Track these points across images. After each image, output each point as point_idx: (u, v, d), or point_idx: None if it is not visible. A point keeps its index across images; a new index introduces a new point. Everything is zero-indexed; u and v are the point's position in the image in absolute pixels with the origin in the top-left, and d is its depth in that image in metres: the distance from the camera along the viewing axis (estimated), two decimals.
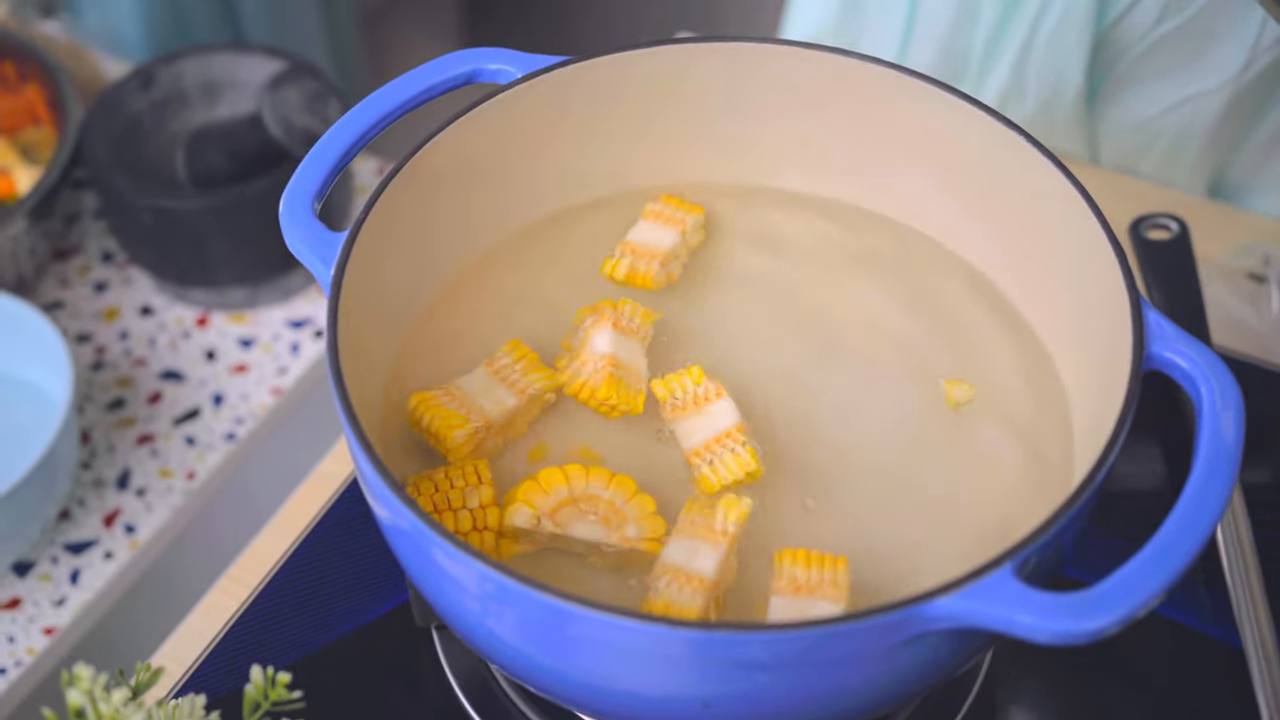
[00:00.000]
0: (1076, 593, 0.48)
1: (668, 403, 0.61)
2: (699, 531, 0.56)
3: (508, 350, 0.63)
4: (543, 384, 0.62)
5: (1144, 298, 0.55)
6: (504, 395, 0.61)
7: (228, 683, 0.66)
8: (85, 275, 1.03)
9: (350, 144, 0.61)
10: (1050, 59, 0.86)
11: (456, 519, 0.58)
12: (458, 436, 0.60)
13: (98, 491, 0.91)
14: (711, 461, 0.59)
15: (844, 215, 0.70)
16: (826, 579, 0.55)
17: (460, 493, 0.58)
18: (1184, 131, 0.88)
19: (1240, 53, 0.83)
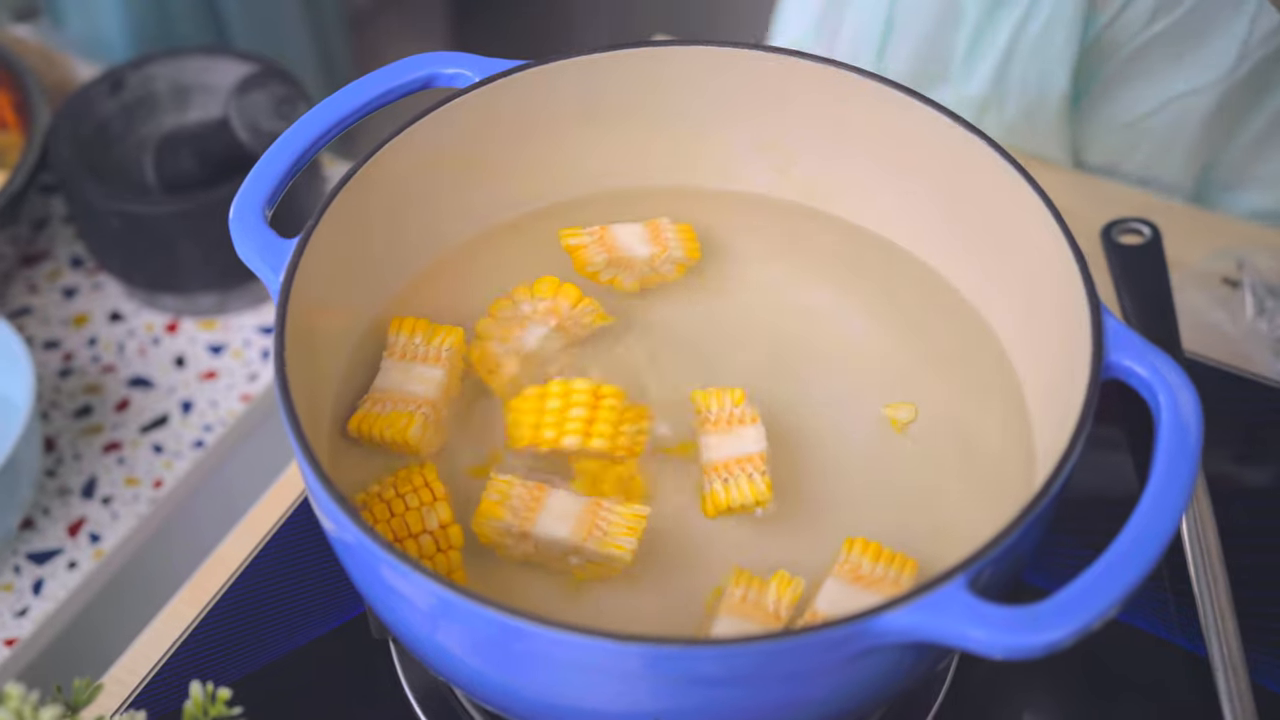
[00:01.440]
0: (1029, 606, 0.47)
1: (703, 414, 0.60)
2: (749, 611, 0.55)
3: (395, 330, 0.63)
4: (451, 343, 0.62)
5: (1104, 305, 0.55)
6: (424, 371, 0.61)
7: (183, 695, 0.65)
8: (54, 281, 1.02)
9: (303, 150, 0.60)
10: (1035, 62, 0.86)
11: (419, 545, 0.57)
12: (414, 434, 0.60)
13: (63, 500, 0.90)
14: (726, 480, 0.59)
15: (807, 220, 0.69)
16: (890, 577, 0.55)
17: (418, 515, 0.57)
18: (1172, 131, 0.87)
19: (1231, 51, 0.82)
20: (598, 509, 0.57)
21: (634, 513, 0.57)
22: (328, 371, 0.62)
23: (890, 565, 0.56)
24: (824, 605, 0.55)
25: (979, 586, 0.49)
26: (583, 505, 0.56)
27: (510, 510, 0.56)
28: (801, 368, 0.64)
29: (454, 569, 0.57)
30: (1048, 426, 0.59)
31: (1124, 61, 0.85)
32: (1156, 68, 0.84)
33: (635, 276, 0.67)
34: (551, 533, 0.56)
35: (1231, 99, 0.85)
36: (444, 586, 0.48)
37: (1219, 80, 0.83)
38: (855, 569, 0.56)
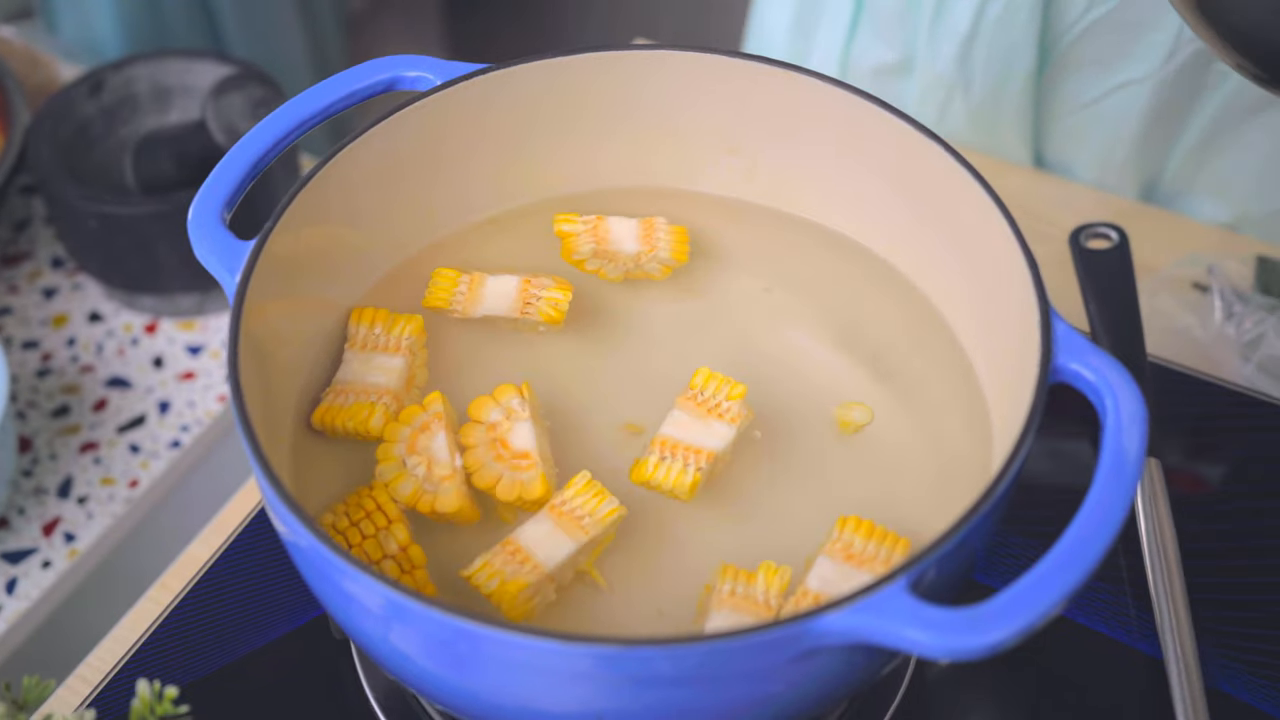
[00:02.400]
0: (970, 608, 0.47)
1: (693, 390, 0.61)
2: (740, 604, 0.55)
3: (355, 321, 0.63)
4: (411, 331, 0.62)
5: (1054, 309, 0.55)
6: (385, 360, 0.62)
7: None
8: (34, 281, 1.03)
9: (263, 152, 0.60)
10: (999, 42, 0.86)
11: (383, 571, 0.56)
12: (375, 424, 0.60)
13: (38, 500, 0.91)
14: (663, 457, 0.59)
15: (773, 222, 0.69)
16: (881, 555, 0.55)
17: (375, 542, 0.57)
18: (1115, 124, 0.87)
19: (1164, 42, 0.82)
20: (560, 509, 0.57)
21: (583, 485, 0.57)
22: (293, 365, 0.62)
23: (882, 543, 0.56)
24: (815, 584, 0.55)
25: (922, 588, 0.49)
26: (549, 517, 0.56)
27: (516, 575, 0.55)
28: (765, 368, 0.65)
29: (422, 587, 0.57)
30: (1003, 429, 0.59)
31: (1068, 49, 0.85)
32: (1097, 57, 0.85)
33: (620, 270, 0.67)
34: (561, 555, 0.56)
35: (1169, 94, 0.85)
36: (394, 590, 0.49)
37: (1154, 72, 0.83)
38: (847, 547, 0.56)
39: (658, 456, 0.59)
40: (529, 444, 0.58)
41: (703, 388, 0.61)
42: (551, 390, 0.63)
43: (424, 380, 0.64)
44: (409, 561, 0.57)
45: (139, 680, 0.48)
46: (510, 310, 0.64)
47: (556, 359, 0.65)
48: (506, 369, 0.64)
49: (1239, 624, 0.67)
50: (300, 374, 0.63)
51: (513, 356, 0.64)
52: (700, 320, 0.67)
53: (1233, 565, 0.69)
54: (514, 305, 0.65)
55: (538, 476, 0.58)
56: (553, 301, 0.64)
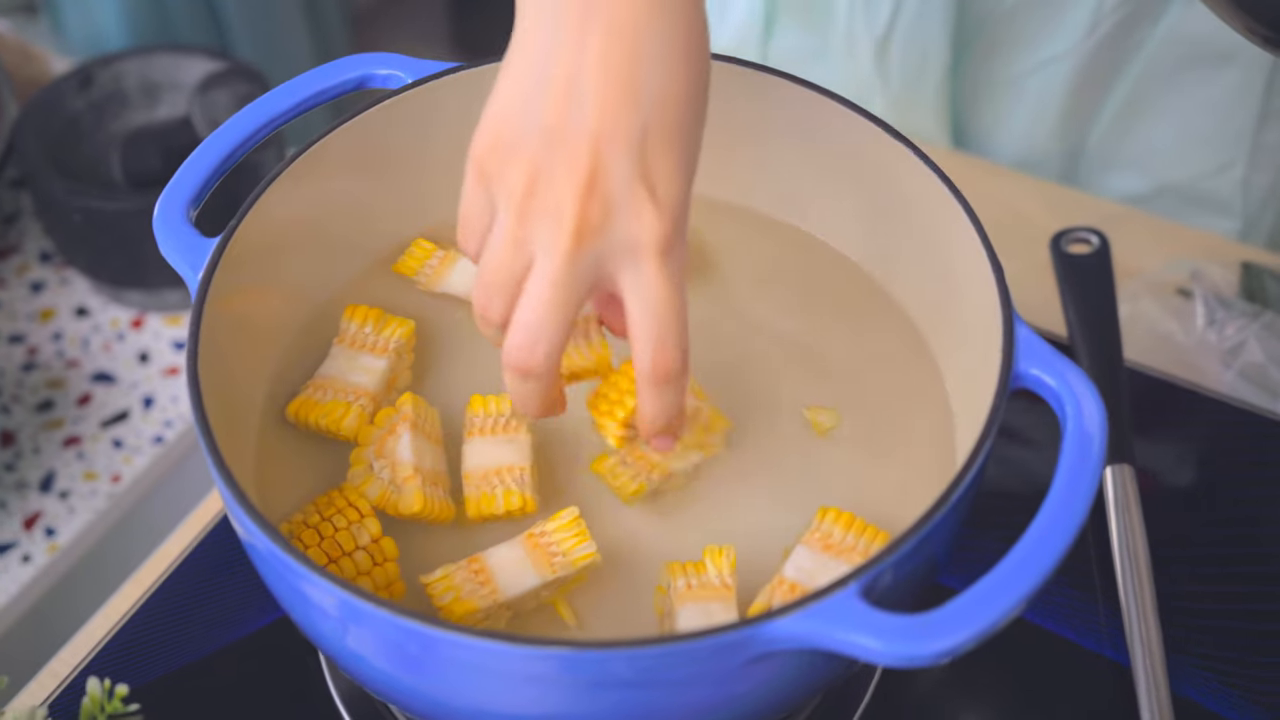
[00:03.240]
0: (921, 615, 0.47)
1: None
2: (700, 594, 0.55)
3: (348, 317, 0.63)
4: (400, 332, 0.63)
5: (1018, 314, 0.55)
6: (369, 361, 0.62)
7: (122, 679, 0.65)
8: (23, 275, 1.03)
9: (231, 150, 0.60)
10: (915, 39, 0.86)
11: (355, 562, 0.56)
12: (349, 425, 0.60)
13: (20, 494, 0.91)
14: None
15: (742, 221, 0.69)
16: (860, 547, 0.56)
17: (348, 534, 0.57)
18: (1039, 101, 0.88)
19: (1084, 18, 0.83)
20: (537, 539, 0.56)
21: (568, 520, 0.56)
22: (261, 357, 0.62)
23: (861, 535, 0.56)
24: (791, 573, 0.55)
25: (877, 594, 0.49)
26: (523, 545, 0.56)
27: (471, 595, 0.55)
28: (733, 369, 0.64)
29: (392, 581, 0.57)
30: (970, 434, 0.59)
31: (997, 25, 0.86)
32: (1025, 32, 0.85)
33: None
34: (522, 586, 0.55)
35: (1091, 68, 0.85)
36: (347, 591, 0.48)
37: (1076, 46, 0.84)
38: (826, 537, 0.56)
39: (618, 460, 0.59)
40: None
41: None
42: None
43: (406, 383, 0.64)
44: (381, 553, 0.57)
45: (90, 678, 0.48)
46: (468, 292, 0.65)
47: None
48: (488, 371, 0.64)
49: (1209, 632, 0.66)
50: (268, 365, 0.63)
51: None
52: None
53: (1205, 573, 0.69)
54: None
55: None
56: None
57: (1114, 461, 0.69)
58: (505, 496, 0.58)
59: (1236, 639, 0.66)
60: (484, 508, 0.58)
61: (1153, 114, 0.86)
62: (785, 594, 0.55)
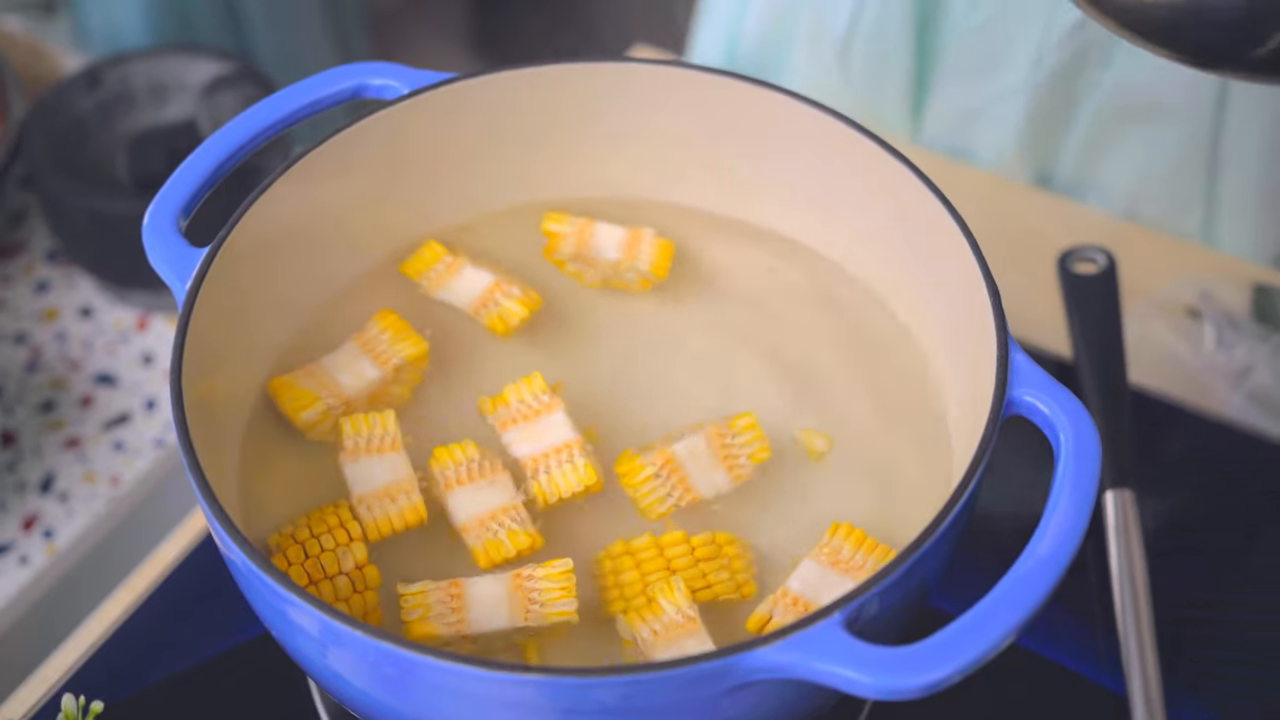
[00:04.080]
0: (905, 647, 0.46)
1: (729, 429, 0.59)
2: (668, 635, 0.54)
3: (376, 320, 0.63)
4: (409, 352, 0.62)
5: (1014, 340, 0.54)
6: (366, 367, 0.61)
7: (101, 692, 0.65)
8: (28, 274, 1.03)
9: (223, 159, 0.60)
10: (877, 37, 0.87)
11: (335, 587, 0.56)
12: (306, 417, 0.60)
13: (19, 495, 0.91)
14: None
15: (749, 238, 0.69)
16: (869, 565, 0.55)
17: (333, 556, 0.56)
18: (1001, 129, 0.89)
19: (1032, 49, 0.84)
20: (523, 581, 0.55)
21: (559, 571, 0.55)
22: (255, 360, 0.62)
23: (870, 554, 0.55)
24: (795, 585, 0.55)
25: (861, 624, 0.48)
26: (507, 583, 0.55)
27: (438, 619, 0.54)
28: (732, 387, 0.64)
29: (370, 610, 0.56)
30: (962, 461, 0.58)
31: (955, 51, 0.87)
32: (980, 64, 0.87)
33: (598, 276, 0.67)
34: (491, 625, 0.54)
35: (1046, 103, 0.86)
36: (328, 615, 0.48)
37: (1027, 79, 0.85)
38: (835, 553, 0.55)
39: (654, 471, 0.58)
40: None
41: (737, 431, 0.59)
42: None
43: (401, 401, 0.63)
44: (363, 581, 0.56)
45: (65, 695, 0.48)
46: (467, 306, 0.64)
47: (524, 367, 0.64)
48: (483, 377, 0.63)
49: (1209, 662, 0.65)
50: (260, 369, 0.63)
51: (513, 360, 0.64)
52: (668, 338, 0.66)
53: (1207, 600, 0.68)
54: (473, 302, 0.65)
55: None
56: (508, 312, 0.63)
57: (1114, 486, 0.68)
58: (512, 538, 0.56)
59: (1237, 670, 0.65)
60: (494, 555, 0.56)
61: (1112, 156, 0.88)
62: (788, 606, 0.54)
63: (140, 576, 0.74)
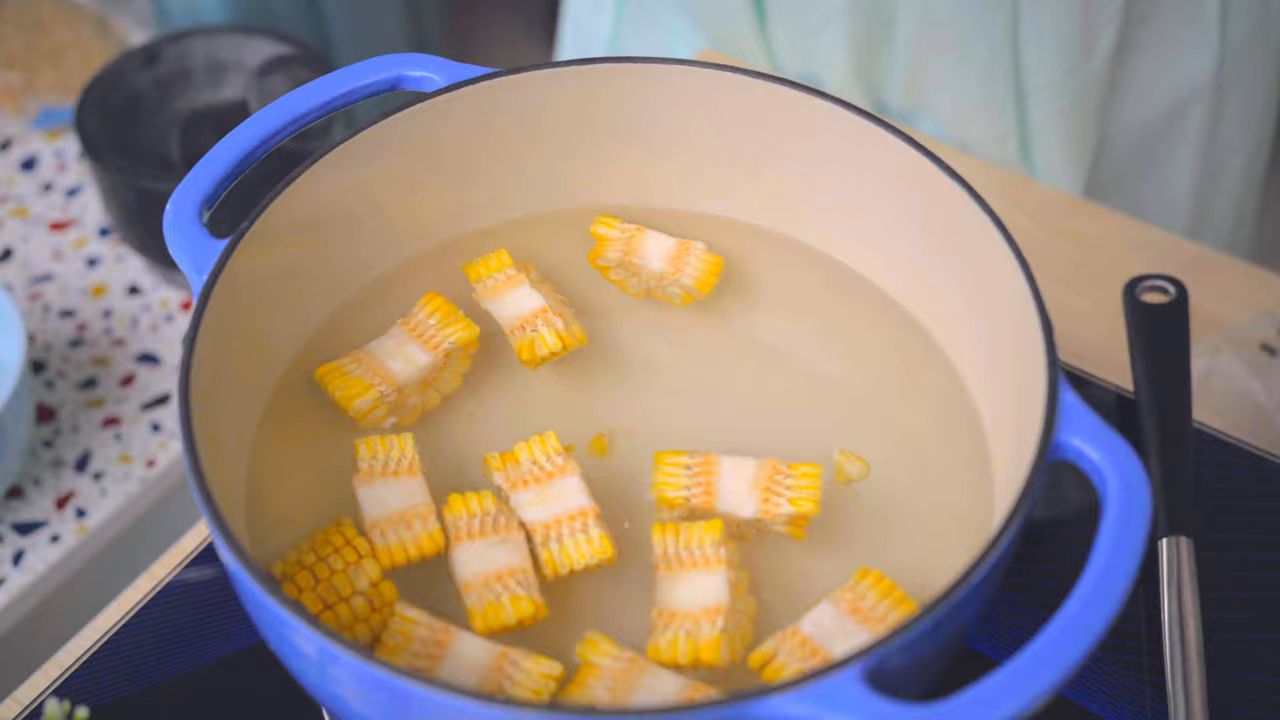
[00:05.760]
0: (926, 706, 0.43)
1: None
2: (686, 565, 0.52)
3: (423, 304, 0.61)
4: (459, 336, 0.60)
5: (1064, 379, 0.50)
6: (416, 353, 0.59)
7: (109, 686, 0.64)
8: (79, 249, 1.03)
9: (250, 149, 0.58)
10: None
11: (352, 609, 0.53)
12: (359, 405, 0.58)
13: (55, 471, 0.90)
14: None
15: (794, 255, 0.66)
16: (891, 619, 0.52)
17: (345, 576, 0.54)
18: (833, 48, 0.90)
19: None
20: (504, 663, 0.52)
21: (544, 672, 0.51)
22: (269, 360, 0.60)
23: (896, 608, 0.52)
24: (808, 627, 0.52)
25: (883, 676, 0.45)
26: (491, 657, 0.52)
27: (411, 654, 0.51)
28: (767, 412, 0.61)
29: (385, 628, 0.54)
30: (1007, 498, 0.55)
31: None
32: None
33: (641, 286, 0.64)
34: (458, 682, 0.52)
35: (863, 25, 0.89)
36: (329, 640, 0.46)
37: (846, 3, 0.87)
38: (858, 599, 0.53)
39: (688, 463, 0.56)
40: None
41: (796, 475, 0.55)
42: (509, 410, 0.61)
43: (453, 388, 0.61)
44: (380, 598, 0.54)
45: (49, 699, 0.46)
46: (507, 323, 0.62)
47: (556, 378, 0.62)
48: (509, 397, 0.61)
49: None
50: (277, 367, 0.61)
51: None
52: (707, 355, 0.63)
53: (1264, 662, 0.64)
54: (513, 321, 0.62)
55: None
56: (540, 341, 0.60)
57: (1170, 533, 0.64)
58: (514, 604, 0.52)
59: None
60: (492, 620, 0.52)
61: (932, 84, 0.90)
62: (795, 647, 0.51)
63: (160, 565, 0.72)
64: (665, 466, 0.56)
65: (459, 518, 0.55)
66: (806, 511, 0.55)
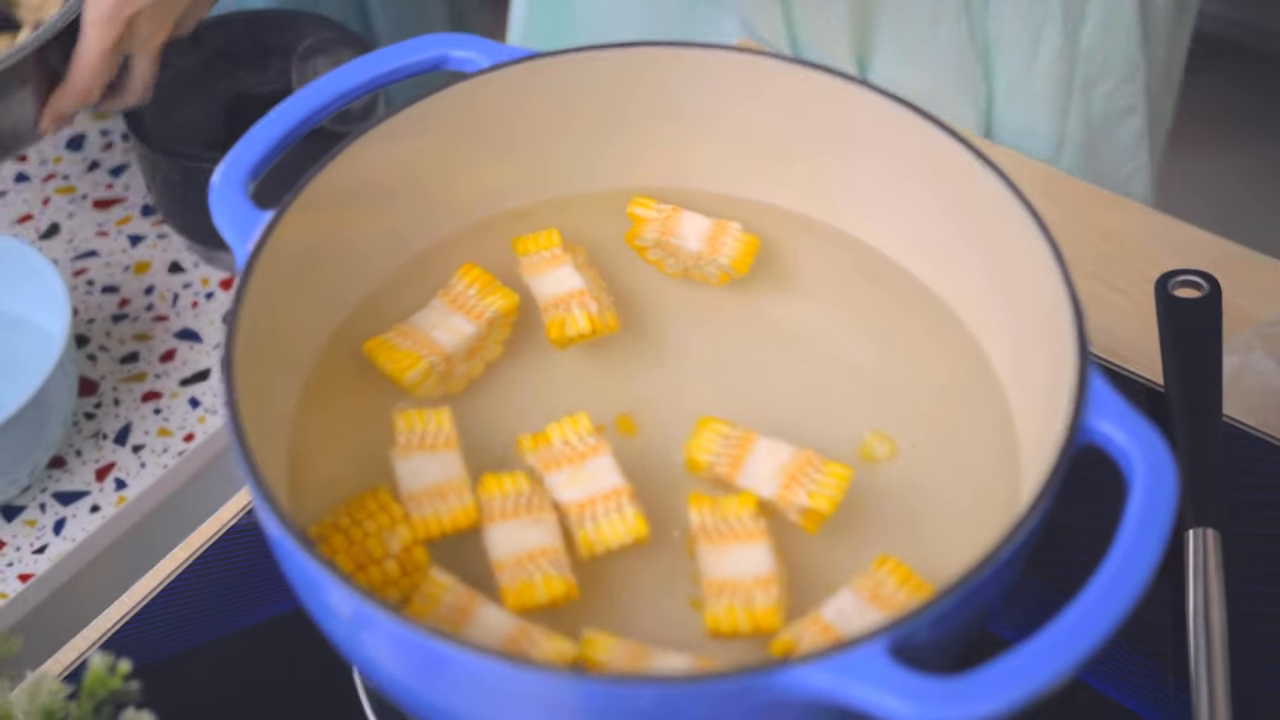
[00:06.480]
0: (951, 679, 0.44)
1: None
2: (728, 537, 0.53)
3: (461, 275, 0.63)
4: (500, 304, 0.61)
5: (1095, 364, 0.51)
6: (460, 323, 0.61)
7: (150, 648, 0.65)
8: (123, 227, 1.04)
9: (297, 123, 0.59)
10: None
11: (384, 571, 0.55)
12: (411, 376, 0.59)
13: (95, 443, 0.92)
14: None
15: (830, 240, 0.66)
16: (909, 603, 0.53)
17: (378, 539, 0.55)
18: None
19: None
20: (523, 635, 0.52)
21: (558, 651, 0.51)
22: (310, 332, 0.61)
23: (912, 593, 0.53)
24: (829, 614, 0.53)
25: (908, 650, 0.46)
26: (511, 630, 0.52)
27: (435, 618, 0.52)
28: (797, 393, 0.62)
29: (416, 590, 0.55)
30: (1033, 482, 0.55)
31: None
32: None
33: (678, 266, 0.65)
34: None
35: None
36: (365, 600, 0.47)
37: None
38: (877, 586, 0.53)
39: (726, 433, 0.57)
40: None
41: (824, 473, 0.56)
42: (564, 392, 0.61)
43: (495, 356, 0.62)
44: (411, 562, 0.55)
45: (94, 653, 0.48)
46: (543, 300, 0.63)
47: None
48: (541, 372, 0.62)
49: None
50: (315, 343, 0.62)
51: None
52: (739, 336, 0.64)
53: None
54: (550, 299, 0.63)
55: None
56: (571, 321, 0.61)
57: (1197, 525, 0.65)
58: (546, 584, 0.53)
59: None
60: (525, 598, 0.53)
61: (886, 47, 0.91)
62: (817, 634, 0.52)
63: (198, 535, 0.74)
64: (706, 431, 0.57)
65: (493, 498, 0.56)
66: (820, 508, 0.56)
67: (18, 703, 0.47)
